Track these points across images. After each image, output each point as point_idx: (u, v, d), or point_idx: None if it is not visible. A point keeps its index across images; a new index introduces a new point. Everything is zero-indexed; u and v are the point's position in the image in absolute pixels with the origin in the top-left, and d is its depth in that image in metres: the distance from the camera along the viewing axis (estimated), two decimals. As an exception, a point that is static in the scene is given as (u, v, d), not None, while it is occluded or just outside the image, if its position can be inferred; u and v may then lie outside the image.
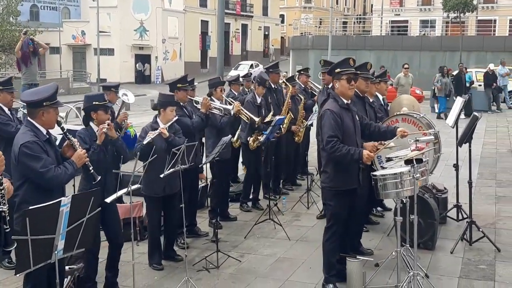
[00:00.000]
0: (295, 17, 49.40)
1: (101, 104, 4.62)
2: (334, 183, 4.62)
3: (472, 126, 6.00)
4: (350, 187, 4.63)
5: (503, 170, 9.40)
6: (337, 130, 4.52)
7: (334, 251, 4.75)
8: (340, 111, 4.60)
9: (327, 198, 4.77)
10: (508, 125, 14.92)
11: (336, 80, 4.69)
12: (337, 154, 4.47)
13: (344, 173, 4.59)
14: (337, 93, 4.70)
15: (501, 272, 5.06)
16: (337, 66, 4.72)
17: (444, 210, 6.56)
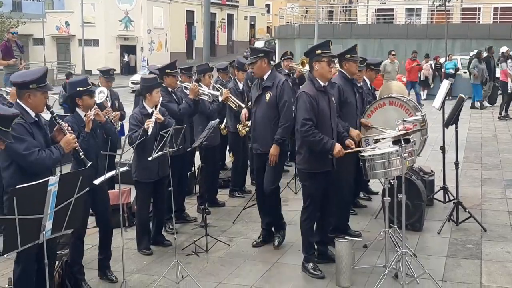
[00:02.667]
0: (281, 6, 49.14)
1: (85, 89, 4.54)
2: (308, 165, 4.70)
3: (459, 107, 6.04)
4: (324, 170, 4.68)
5: (488, 154, 9.50)
6: (312, 113, 4.56)
7: (312, 231, 4.85)
8: (316, 94, 4.64)
9: (302, 179, 4.91)
10: (492, 110, 15.07)
11: (316, 62, 4.70)
12: (310, 139, 4.55)
13: (317, 156, 4.64)
14: (316, 75, 4.71)
15: (488, 251, 5.12)
16: (318, 48, 4.75)
17: (431, 192, 6.62)
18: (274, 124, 5.20)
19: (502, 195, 6.96)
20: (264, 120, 5.24)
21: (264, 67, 5.30)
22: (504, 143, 10.46)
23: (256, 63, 5.29)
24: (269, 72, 5.33)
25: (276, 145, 5.11)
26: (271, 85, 5.23)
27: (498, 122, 13.12)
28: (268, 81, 5.27)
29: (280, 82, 5.24)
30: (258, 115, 5.31)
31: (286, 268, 4.95)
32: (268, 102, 5.23)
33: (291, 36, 33.78)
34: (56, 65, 33.51)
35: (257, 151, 5.37)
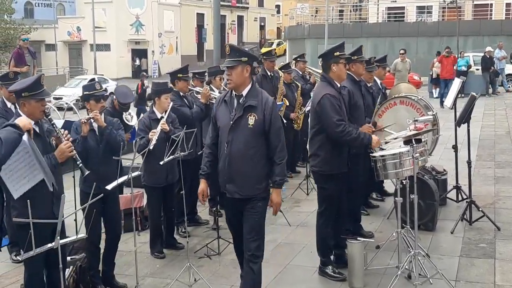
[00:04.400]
0: (290, 7, 49.11)
1: (91, 93, 4.58)
2: (326, 167, 4.65)
3: (471, 106, 6.00)
4: (341, 171, 4.67)
5: (501, 152, 9.41)
6: (341, 113, 4.54)
7: (329, 234, 4.80)
8: (338, 96, 4.63)
9: (320, 182, 4.82)
10: (506, 107, 14.91)
11: (334, 64, 4.66)
12: (348, 138, 4.49)
13: (336, 158, 4.63)
14: (333, 77, 4.69)
15: (502, 250, 5.08)
16: (336, 49, 4.72)
17: (444, 192, 6.57)
18: (259, 159, 3.91)
19: (516, 193, 6.89)
20: (246, 152, 3.89)
21: (245, 77, 3.92)
22: (518, 140, 10.36)
23: (235, 69, 3.88)
24: (250, 86, 3.95)
25: (278, 189, 3.99)
26: (256, 104, 3.89)
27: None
28: (251, 99, 3.90)
29: (269, 101, 3.94)
30: (235, 145, 3.90)
31: (299, 270, 4.95)
32: (253, 129, 3.87)
33: (301, 36, 33.76)
34: (68, 70, 33.84)
35: (233, 195, 3.98)
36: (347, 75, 5.52)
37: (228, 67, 3.92)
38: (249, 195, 3.95)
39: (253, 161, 3.90)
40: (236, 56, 3.90)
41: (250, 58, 3.96)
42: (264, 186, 3.97)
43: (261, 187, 3.96)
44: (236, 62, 3.88)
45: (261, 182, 3.95)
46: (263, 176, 3.95)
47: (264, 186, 3.97)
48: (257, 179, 3.94)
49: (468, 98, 6.08)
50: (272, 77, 7.88)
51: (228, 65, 3.91)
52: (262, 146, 3.92)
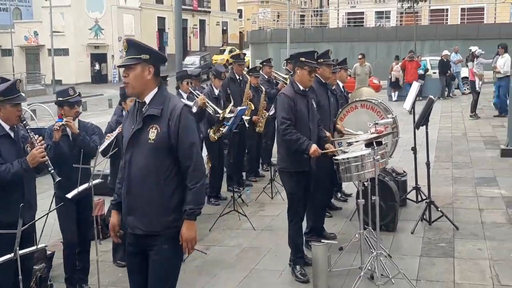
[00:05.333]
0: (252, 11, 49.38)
1: (64, 99, 4.57)
2: (286, 165, 4.79)
3: (429, 109, 6.15)
4: (302, 169, 4.74)
5: (458, 153, 9.69)
6: (290, 113, 4.67)
7: (299, 232, 4.88)
8: (295, 96, 4.75)
9: (282, 179, 4.98)
10: (462, 110, 15.38)
11: (299, 68, 4.81)
12: (288, 138, 4.63)
13: (295, 156, 4.70)
14: (296, 79, 4.84)
15: (460, 249, 5.22)
16: (302, 55, 4.83)
17: (404, 193, 6.72)
18: (167, 183, 3.07)
19: (473, 193, 7.10)
20: (147, 174, 3.07)
21: (147, 80, 3.10)
22: (473, 141, 10.68)
23: (133, 69, 3.08)
24: (155, 91, 3.14)
25: (190, 222, 3.07)
26: (158, 113, 3.07)
27: (468, 121, 13.39)
28: (154, 107, 3.10)
29: (177, 109, 3.08)
30: (135, 166, 3.11)
31: (264, 274, 4.96)
32: (155, 144, 3.05)
33: (264, 41, 33.94)
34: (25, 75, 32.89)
35: (134, 230, 3.14)
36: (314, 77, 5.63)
37: (124, 67, 3.10)
38: (154, 230, 3.08)
39: (158, 186, 3.05)
40: (135, 53, 3.09)
41: (154, 56, 3.12)
42: (172, 219, 3.06)
43: (169, 220, 3.05)
44: (134, 60, 3.07)
45: (169, 214, 3.05)
46: (172, 205, 3.06)
47: (172, 219, 3.06)
48: (163, 210, 3.05)
49: (426, 101, 6.24)
50: (241, 81, 7.90)
51: (124, 63, 3.10)
52: (170, 166, 3.06)
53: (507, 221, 5.90)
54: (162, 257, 3.09)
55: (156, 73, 3.13)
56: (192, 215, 3.05)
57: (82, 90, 5.74)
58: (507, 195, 6.85)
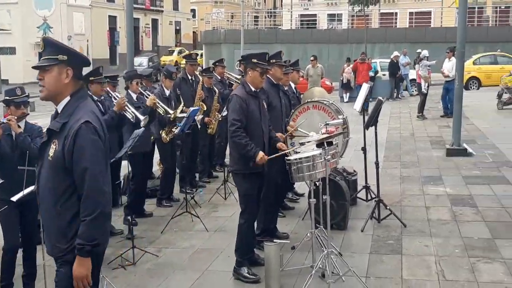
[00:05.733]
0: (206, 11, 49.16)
1: (11, 99, 4.50)
2: (239, 166, 4.77)
3: (377, 110, 6.31)
4: (255, 171, 4.74)
5: (406, 153, 9.98)
6: (241, 115, 4.66)
7: (251, 234, 4.89)
8: (247, 97, 4.74)
9: (235, 181, 4.98)
10: (410, 111, 15.83)
11: (250, 69, 4.82)
12: (237, 141, 4.63)
13: (247, 157, 4.68)
14: (248, 80, 4.85)
15: (407, 246, 5.37)
16: (255, 57, 4.84)
17: (355, 192, 6.86)
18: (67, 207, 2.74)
19: (420, 191, 7.33)
20: (47, 194, 2.79)
21: (63, 84, 2.81)
22: (421, 141, 11.03)
23: (49, 72, 2.80)
24: (68, 100, 2.82)
25: (82, 258, 2.69)
26: (58, 128, 2.76)
27: (416, 122, 13.82)
28: (60, 118, 2.80)
29: (75, 125, 2.72)
30: (40, 181, 2.85)
31: (217, 275, 4.94)
32: (52, 162, 2.75)
33: (218, 41, 33.88)
34: (-32, 74, 31.43)
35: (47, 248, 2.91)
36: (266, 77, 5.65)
37: (39, 69, 2.80)
38: (53, 254, 2.82)
39: (55, 209, 2.73)
40: (51, 53, 2.80)
41: (72, 57, 2.83)
42: (66, 247, 2.73)
43: (62, 248, 2.74)
44: (51, 61, 2.79)
45: (65, 242, 2.73)
46: (69, 235, 2.72)
47: (66, 247, 2.73)
48: (59, 236, 2.74)
49: (375, 102, 6.40)
50: (193, 81, 7.83)
51: (39, 64, 2.81)
52: (70, 189, 2.72)
53: (452, 218, 6.12)
54: (58, 279, 2.81)
55: (76, 76, 2.82)
56: (81, 251, 2.66)
57: (30, 90, 5.47)
58: (451, 193, 7.11)
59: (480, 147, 9.87)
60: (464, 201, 6.71)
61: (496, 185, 7.28)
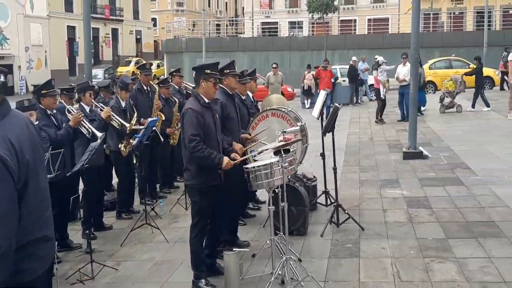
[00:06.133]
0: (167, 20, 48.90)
1: None
2: (197, 181, 4.72)
3: (334, 116, 6.43)
4: (213, 184, 4.74)
5: (365, 157, 10.18)
6: (199, 129, 4.63)
7: (202, 247, 4.86)
8: (202, 110, 4.72)
9: (192, 195, 4.90)
10: (369, 116, 16.15)
11: (203, 80, 4.79)
12: (199, 155, 4.58)
13: (206, 171, 4.69)
14: (201, 92, 4.81)
15: (365, 249, 5.48)
16: (208, 67, 4.83)
17: (315, 197, 6.95)
18: None
19: (378, 194, 7.49)
20: None
21: None
22: (379, 145, 11.28)
23: None
24: None
25: None
26: None
27: (374, 126, 14.11)
28: None
29: None
30: None
31: (177, 287, 4.92)
32: None
33: (179, 50, 33.77)
34: None
35: None
36: (220, 88, 5.67)
37: None
38: None
39: None
40: None
41: None
42: None
43: None
44: None
45: None
46: None
47: None
48: None
49: (332, 109, 6.52)
50: (149, 91, 7.78)
51: None
52: None
53: (408, 220, 6.28)
54: None
55: None
56: None
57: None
58: (408, 195, 7.30)
59: (436, 149, 10.17)
60: (419, 203, 6.89)
61: (450, 187, 7.52)
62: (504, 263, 4.85)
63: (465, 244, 5.37)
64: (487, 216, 6.18)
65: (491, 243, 5.34)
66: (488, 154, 9.39)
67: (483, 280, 4.56)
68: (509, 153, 9.25)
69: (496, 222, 5.95)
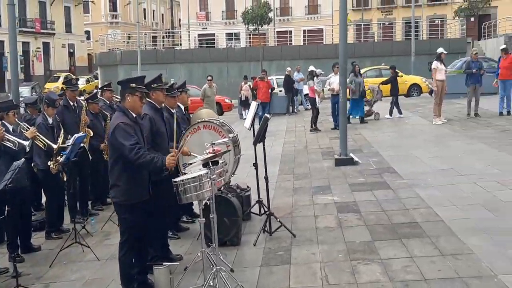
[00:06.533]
0: (101, 33, 47.96)
1: None
2: (126, 197, 4.68)
3: (264, 127, 6.56)
4: (142, 199, 4.72)
5: (299, 165, 10.40)
6: (133, 137, 4.60)
7: (132, 264, 4.82)
8: (131, 125, 4.69)
9: (121, 212, 4.83)
10: (305, 124, 16.52)
11: (129, 94, 4.77)
12: (143, 161, 4.53)
13: (136, 186, 4.67)
14: (127, 106, 4.79)
15: (296, 255, 5.61)
16: (133, 81, 4.82)
17: (248, 207, 7.04)
18: None
19: (310, 201, 7.68)
20: None
21: None
22: (313, 153, 11.55)
23: None
24: None
25: None
26: None
27: (309, 135, 14.45)
28: None
29: None
30: None
31: (108, 305, 4.84)
32: None
33: (114, 63, 33.21)
34: None
35: None
36: (148, 103, 5.65)
37: None
38: None
39: None
40: None
41: None
42: None
43: None
44: None
45: None
46: None
47: None
48: None
49: (262, 120, 6.65)
50: (75, 107, 7.61)
51: None
52: None
53: (337, 225, 6.48)
54: None
55: None
56: None
57: None
58: (338, 201, 7.53)
59: (366, 155, 10.55)
60: (349, 208, 7.13)
61: (378, 191, 7.83)
62: (425, 262, 5.10)
63: (389, 246, 5.61)
64: (411, 217, 6.48)
65: (414, 243, 5.61)
66: (414, 158, 9.86)
67: (405, 279, 4.79)
68: (433, 157, 9.74)
69: (419, 223, 6.26)
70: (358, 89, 15.05)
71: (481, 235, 5.63)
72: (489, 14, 42.13)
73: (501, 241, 5.40)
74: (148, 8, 62.50)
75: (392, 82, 16.40)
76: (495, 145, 10.25)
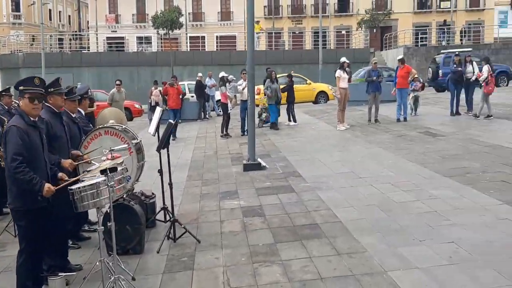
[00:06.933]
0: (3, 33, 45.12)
1: None
2: (20, 203, 4.51)
3: (167, 133, 6.52)
4: (38, 206, 4.54)
5: (208, 170, 10.44)
6: (22, 148, 4.43)
7: (30, 274, 4.62)
8: (27, 128, 4.53)
9: (17, 219, 4.64)
10: (216, 130, 16.59)
11: (20, 98, 4.63)
12: (20, 177, 4.38)
13: (30, 192, 4.47)
14: (23, 109, 4.65)
15: (199, 260, 5.63)
16: (21, 84, 4.64)
17: (153, 214, 6.95)
18: None
19: (217, 206, 7.73)
20: None
21: None
22: (222, 159, 11.65)
23: None
24: None
25: None
26: None
27: (220, 140, 14.54)
28: None
29: None
30: None
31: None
32: None
33: (15, 65, 31.41)
34: None
35: None
36: (45, 107, 5.45)
37: None
38: None
39: None
40: None
41: None
42: None
43: None
44: None
45: None
46: None
47: None
48: None
49: (166, 126, 6.61)
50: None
51: None
52: None
53: (242, 229, 6.59)
54: None
55: None
56: None
57: None
58: (244, 205, 7.65)
59: (273, 160, 10.82)
60: (254, 212, 7.27)
61: (283, 194, 8.05)
62: (322, 261, 5.34)
63: (290, 247, 5.80)
64: (312, 219, 6.74)
65: (313, 244, 5.84)
66: (318, 162, 10.25)
67: (303, 278, 4.98)
68: (335, 161, 10.20)
69: (319, 224, 6.53)
70: (273, 94, 15.41)
71: (374, 235, 5.98)
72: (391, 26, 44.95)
73: (391, 240, 5.78)
74: (54, 9, 59.75)
75: (289, 90, 16.81)
76: (391, 150, 10.94)
